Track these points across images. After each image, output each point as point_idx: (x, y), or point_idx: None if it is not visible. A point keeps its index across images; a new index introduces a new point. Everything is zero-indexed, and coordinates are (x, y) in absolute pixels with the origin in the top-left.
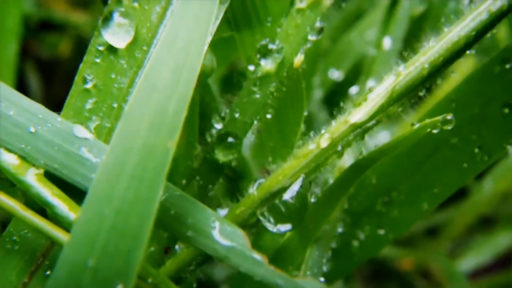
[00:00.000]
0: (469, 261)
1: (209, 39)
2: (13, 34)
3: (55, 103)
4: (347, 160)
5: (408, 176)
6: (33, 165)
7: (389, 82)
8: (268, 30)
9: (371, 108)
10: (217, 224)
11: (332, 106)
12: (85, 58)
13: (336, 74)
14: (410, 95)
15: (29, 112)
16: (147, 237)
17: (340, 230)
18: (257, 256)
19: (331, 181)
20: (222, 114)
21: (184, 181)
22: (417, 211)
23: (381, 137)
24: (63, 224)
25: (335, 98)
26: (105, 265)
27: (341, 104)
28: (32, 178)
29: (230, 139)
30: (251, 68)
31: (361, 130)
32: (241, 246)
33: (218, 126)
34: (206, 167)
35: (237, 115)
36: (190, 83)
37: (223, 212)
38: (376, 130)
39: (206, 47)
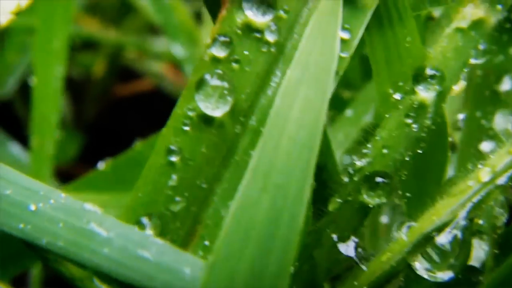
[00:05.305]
0: None
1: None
2: (59, 56)
3: (86, 125)
4: None
5: None
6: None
7: None
8: (418, 53)
9: None
10: None
11: None
12: (169, 123)
13: None
14: None
15: (29, 190)
16: None
17: None
18: None
19: None
20: (365, 151)
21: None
22: None
23: None
24: None
25: None
26: None
27: None
28: None
29: (378, 179)
30: (397, 96)
31: None
32: None
33: (359, 162)
34: (347, 211)
35: (385, 150)
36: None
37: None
38: None
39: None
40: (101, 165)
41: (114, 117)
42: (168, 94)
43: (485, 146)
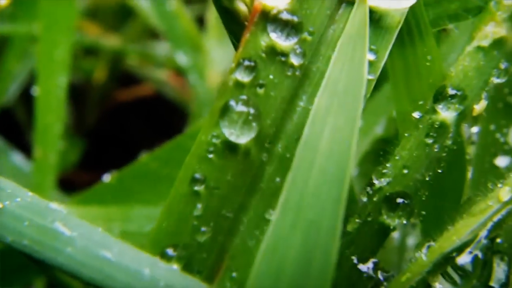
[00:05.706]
0: None
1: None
2: (62, 65)
3: (86, 130)
4: None
5: None
6: None
7: None
8: (438, 71)
9: None
10: None
11: None
12: (193, 150)
13: None
14: None
15: None
16: None
17: None
18: None
19: None
20: (384, 171)
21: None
22: None
23: None
24: None
25: None
26: None
27: None
28: None
29: (399, 200)
30: (417, 115)
31: None
32: None
33: (379, 182)
34: (366, 232)
35: (405, 171)
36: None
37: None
38: None
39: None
40: (107, 178)
41: (115, 122)
42: (170, 99)
43: (501, 161)
